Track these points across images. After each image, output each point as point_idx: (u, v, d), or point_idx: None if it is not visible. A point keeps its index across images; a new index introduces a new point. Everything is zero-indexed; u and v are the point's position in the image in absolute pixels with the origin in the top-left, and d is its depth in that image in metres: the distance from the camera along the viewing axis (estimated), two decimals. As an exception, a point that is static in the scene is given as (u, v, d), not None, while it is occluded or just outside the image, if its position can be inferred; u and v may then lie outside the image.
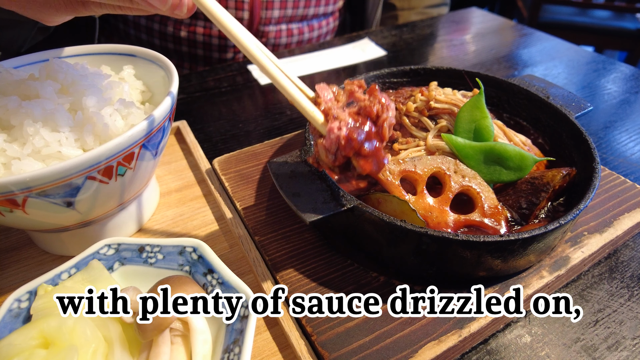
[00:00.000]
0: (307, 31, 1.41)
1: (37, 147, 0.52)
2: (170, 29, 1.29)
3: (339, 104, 0.50)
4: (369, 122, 0.48)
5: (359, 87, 0.51)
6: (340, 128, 0.47)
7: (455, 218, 0.58)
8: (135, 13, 0.53)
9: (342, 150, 0.47)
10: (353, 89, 0.51)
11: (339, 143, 0.47)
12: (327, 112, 0.48)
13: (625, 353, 0.53)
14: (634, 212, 0.67)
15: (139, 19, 1.31)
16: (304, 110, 0.49)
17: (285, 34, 1.37)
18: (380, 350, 0.49)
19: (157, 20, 1.29)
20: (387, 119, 0.48)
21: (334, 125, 0.47)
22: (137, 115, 0.61)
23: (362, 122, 0.48)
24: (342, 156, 0.48)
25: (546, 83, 0.82)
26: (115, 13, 0.54)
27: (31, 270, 0.62)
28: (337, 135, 0.47)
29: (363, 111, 0.49)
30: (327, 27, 1.48)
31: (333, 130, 0.47)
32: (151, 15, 1.29)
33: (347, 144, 0.47)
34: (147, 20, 1.31)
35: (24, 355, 0.43)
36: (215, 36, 1.29)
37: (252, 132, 0.97)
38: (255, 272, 0.60)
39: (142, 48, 0.69)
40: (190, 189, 0.77)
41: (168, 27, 1.29)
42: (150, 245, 0.57)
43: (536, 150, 0.71)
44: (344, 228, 0.59)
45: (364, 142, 0.47)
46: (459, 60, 1.30)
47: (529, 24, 2.77)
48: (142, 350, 0.47)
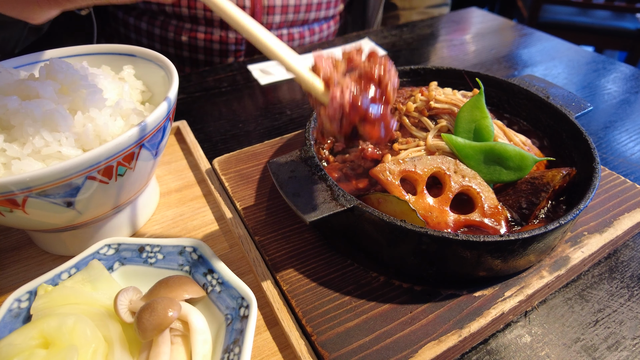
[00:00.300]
0: (307, 35, 1.41)
1: (37, 147, 0.52)
2: (172, 34, 1.29)
3: (339, 72, 0.48)
4: (373, 86, 0.46)
5: (358, 52, 0.49)
6: (343, 94, 0.45)
7: (455, 218, 0.58)
8: (120, 2, 0.52)
9: (347, 117, 0.45)
10: (352, 55, 0.49)
11: (343, 110, 0.45)
12: (327, 79, 0.47)
13: (625, 353, 0.53)
14: (634, 212, 0.67)
15: (140, 23, 1.31)
16: (302, 80, 0.47)
17: (286, 38, 1.37)
18: (380, 350, 0.49)
19: (157, 25, 1.29)
20: (391, 81, 0.47)
21: (336, 91, 0.45)
22: (137, 115, 0.61)
23: (366, 86, 0.46)
24: (347, 123, 0.46)
25: (546, 83, 0.82)
26: (101, 4, 0.53)
27: (31, 270, 0.62)
28: (341, 102, 0.45)
29: (365, 76, 0.47)
30: (328, 30, 1.48)
31: (336, 97, 0.45)
32: (152, 20, 1.29)
33: (351, 110, 0.45)
34: (148, 24, 1.31)
35: (24, 355, 0.43)
36: (217, 41, 1.29)
37: (252, 132, 0.97)
38: (255, 272, 0.60)
39: (142, 48, 0.69)
40: (190, 189, 0.77)
41: (169, 32, 1.29)
42: (150, 245, 0.57)
43: (536, 150, 0.71)
44: (344, 228, 0.59)
45: (369, 106, 0.45)
46: (459, 60, 1.30)
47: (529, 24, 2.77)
48: (142, 350, 0.47)
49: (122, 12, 1.34)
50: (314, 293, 0.56)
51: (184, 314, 0.48)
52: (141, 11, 1.31)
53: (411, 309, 0.54)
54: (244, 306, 0.50)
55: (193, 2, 1.22)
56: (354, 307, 0.54)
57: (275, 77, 1.18)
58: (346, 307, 0.54)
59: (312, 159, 0.58)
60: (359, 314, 0.53)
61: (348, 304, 0.54)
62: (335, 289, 0.56)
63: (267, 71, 1.20)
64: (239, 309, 0.50)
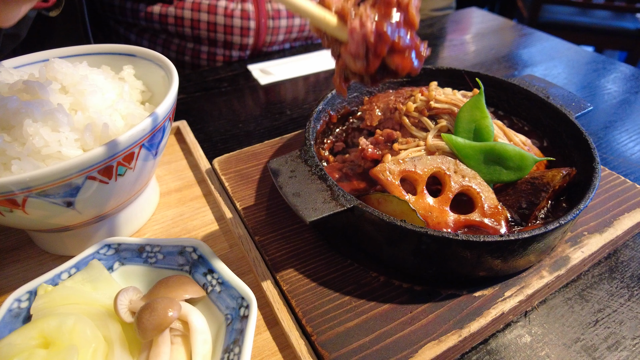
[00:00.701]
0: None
1: (37, 147, 0.52)
2: (174, 54, 1.30)
3: (350, 2, 0.42)
4: (394, 10, 0.40)
5: None
6: (364, 24, 0.39)
7: (455, 218, 0.58)
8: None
9: (372, 49, 0.40)
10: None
11: (367, 42, 0.39)
12: (341, 12, 0.41)
13: (625, 353, 0.53)
14: (633, 212, 0.67)
15: (142, 41, 1.31)
16: (311, 15, 0.41)
17: (289, 53, 1.37)
18: (380, 350, 0.49)
19: (159, 43, 1.30)
20: (412, 1, 0.41)
21: (355, 23, 0.40)
22: (137, 115, 0.61)
23: (387, 12, 0.40)
24: (374, 57, 0.40)
25: (546, 83, 0.82)
26: None
27: (31, 270, 0.62)
28: (363, 33, 0.39)
29: (381, 0, 0.41)
30: None
31: (356, 29, 0.39)
32: (154, 37, 1.29)
33: (377, 40, 0.39)
34: (149, 42, 1.31)
35: (24, 355, 0.43)
36: (220, 61, 1.30)
37: (252, 132, 0.97)
38: (255, 272, 0.60)
39: (142, 48, 0.69)
40: (190, 189, 0.77)
41: (171, 52, 1.30)
42: (150, 245, 0.57)
43: (536, 150, 0.71)
44: (344, 228, 0.59)
45: (396, 32, 0.40)
46: (459, 60, 1.30)
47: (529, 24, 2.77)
48: (142, 350, 0.47)
49: (124, 28, 1.33)
50: (314, 293, 0.56)
51: (184, 314, 0.48)
52: (142, 28, 1.30)
53: (411, 309, 0.54)
54: (244, 306, 0.50)
55: (197, 23, 1.21)
56: (354, 307, 0.54)
57: (275, 77, 1.18)
58: (346, 307, 0.54)
59: (312, 159, 0.58)
60: (359, 313, 0.53)
61: (348, 303, 0.54)
62: (335, 289, 0.56)
63: (267, 71, 1.20)
64: (239, 308, 0.50)
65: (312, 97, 1.11)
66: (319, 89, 1.15)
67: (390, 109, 0.74)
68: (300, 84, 1.17)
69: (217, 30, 1.22)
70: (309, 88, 1.15)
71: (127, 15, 1.25)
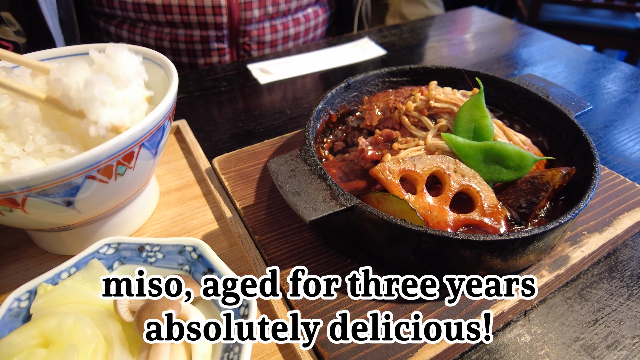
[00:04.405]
0: (292, 25, 1.39)
1: (37, 146, 0.52)
2: (152, 41, 1.30)
3: None
4: None
5: None
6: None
7: (455, 217, 0.58)
8: None
9: None
10: None
11: None
12: None
13: (624, 352, 0.53)
14: (633, 211, 0.67)
15: (121, 32, 1.31)
16: None
17: (269, 30, 1.35)
18: (380, 349, 0.49)
19: (137, 32, 1.30)
20: None
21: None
22: (136, 115, 0.61)
23: None
24: None
25: (546, 82, 0.82)
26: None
27: (31, 269, 0.62)
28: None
29: None
30: (316, 20, 1.45)
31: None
32: (132, 27, 1.30)
33: None
34: (128, 32, 1.31)
35: (23, 355, 0.43)
36: (198, 42, 1.30)
37: (252, 132, 0.97)
38: (255, 272, 0.60)
39: (141, 47, 0.69)
40: (190, 188, 0.77)
41: (150, 39, 1.30)
42: (150, 245, 0.57)
43: (536, 149, 0.71)
44: (344, 227, 0.59)
45: None
46: (459, 59, 1.30)
47: (528, 23, 2.77)
48: (142, 350, 0.47)
49: (103, 21, 1.34)
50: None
51: (183, 313, 0.49)
52: (121, 19, 1.31)
53: (411, 308, 0.54)
54: (244, 305, 0.50)
55: (169, 8, 1.22)
56: (353, 307, 0.54)
57: (275, 77, 1.18)
58: (346, 306, 0.54)
59: (312, 158, 0.58)
60: (359, 313, 0.53)
61: (348, 303, 0.55)
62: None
63: (266, 70, 1.20)
64: (239, 308, 0.50)
65: (312, 96, 1.11)
66: (319, 88, 1.15)
67: (390, 109, 0.74)
68: (300, 84, 1.17)
69: (190, 13, 1.23)
70: (308, 87, 1.15)
71: (103, 6, 1.27)
